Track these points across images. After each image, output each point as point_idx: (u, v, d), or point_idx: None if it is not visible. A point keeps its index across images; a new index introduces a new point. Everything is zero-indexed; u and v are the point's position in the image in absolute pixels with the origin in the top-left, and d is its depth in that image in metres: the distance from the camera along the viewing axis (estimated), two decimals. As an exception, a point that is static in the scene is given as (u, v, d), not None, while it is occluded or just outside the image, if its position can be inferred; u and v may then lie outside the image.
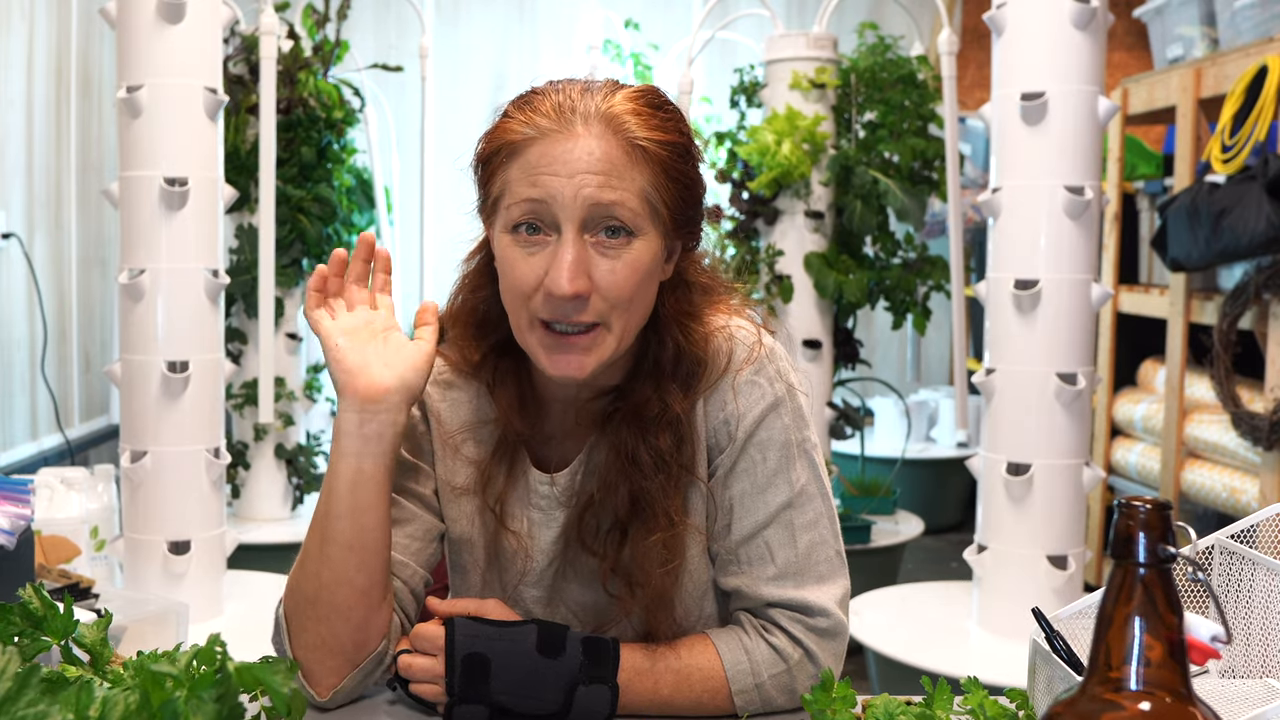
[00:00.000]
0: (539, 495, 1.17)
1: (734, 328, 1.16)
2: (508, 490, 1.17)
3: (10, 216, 3.75)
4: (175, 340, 2.59)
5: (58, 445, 4.02)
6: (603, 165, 1.03)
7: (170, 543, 2.60)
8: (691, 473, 1.13)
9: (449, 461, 1.19)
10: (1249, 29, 3.24)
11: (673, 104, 1.13)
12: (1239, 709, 0.99)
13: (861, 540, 3.53)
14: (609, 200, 1.03)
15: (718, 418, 1.13)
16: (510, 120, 1.08)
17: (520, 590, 1.19)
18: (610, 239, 1.04)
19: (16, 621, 0.93)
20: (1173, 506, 0.66)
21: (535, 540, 1.17)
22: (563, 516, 1.16)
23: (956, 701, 1.00)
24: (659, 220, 1.07)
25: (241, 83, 3.52)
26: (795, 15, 5.71)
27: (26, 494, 1.26)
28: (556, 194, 1.02)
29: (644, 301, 1.09)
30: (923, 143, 3.59)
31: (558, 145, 1.03)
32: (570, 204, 1.02)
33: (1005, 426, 2.60)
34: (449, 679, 1.06)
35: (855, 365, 3.80)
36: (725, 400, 1.13)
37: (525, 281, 1.05)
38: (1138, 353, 3.85)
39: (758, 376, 1.13)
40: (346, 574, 1.08)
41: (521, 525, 1.17)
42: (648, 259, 1.06)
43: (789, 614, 1.13)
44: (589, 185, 1.02)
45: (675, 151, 1.08)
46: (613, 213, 1.03)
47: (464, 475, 1.18)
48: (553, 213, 1.03)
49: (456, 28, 5.70)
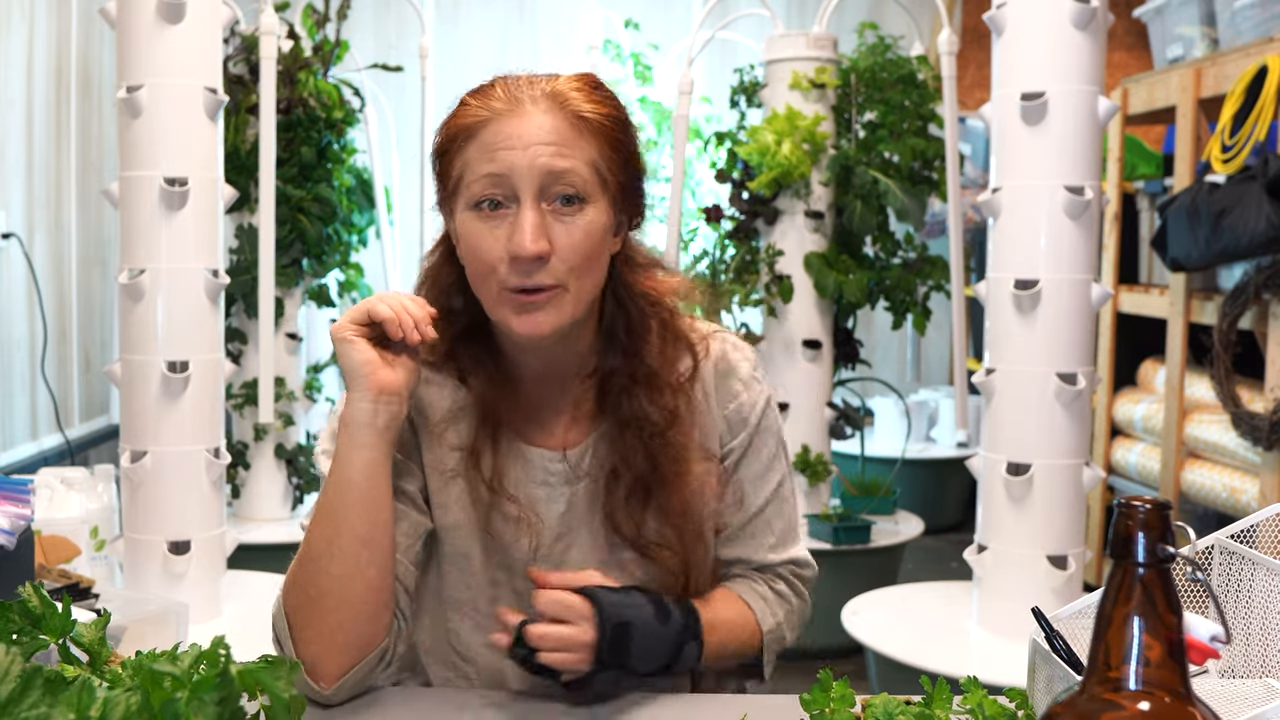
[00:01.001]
0: (547, 472, 1.23)
1: (726, 333, 1.32)
2: (502, 468, 1.22)
3: (10, 216, 3.75)
4: (175, 340, 2.59)
5: (58, 445, 4.02)
6: (554, 136, 1.12)
7: (170, 543, 2.60)
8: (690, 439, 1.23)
9: (436, 450, 1.23)
10: (1249, 29, 3.24)
11: (610, 88, 1.22)
12: (1239, 709, 0.98)
13: (861, 540, 3.53)
14: (562, 168, 1.12)
15: (729, 406, 1.26)
16: (465, 107, 1.17)
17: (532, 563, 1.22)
18: (565, 206, 1.13)
19: (15, 620, 0.93)
20: (1172, 506, 0.66)
21: (539, 516, 1.22)
22: (569, 493, 1.22)
23: (956, 701, 1.00)
24: (607, 190, 1.16)
25: (241, 83, 3.52)
26: (795, 15, 5.71)
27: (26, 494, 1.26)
28: (514, 165, 1.11)
29: (598, 266, 1.17)
30: (923, 143, 3.59)
31: (511, 122, 1.12)
32: (527, 174, 1.11)
33: (1005, 426, 2.60)
34: (600, 647, 1.10)
35: (855, 365, 3.80)
36: (736, 392, 1.27)
37: (492, 252, 1.13)
38: (1138, 353, 3.85)
39: (758, 374, 1.29)
40: (359, 566, 1.11)
41: (523, 502, 1.22)
42: (599, 226, 1.15)
43: (787, 568, 1.31)
44: (543, 155, 1.11)
45: (617, 124, 1.17)
46: (566, 179, 1.12)
47: (453, 460, 1.23)
48: (512, 184, 1.11)
49: (456, 28, 5.69)
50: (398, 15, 5.54)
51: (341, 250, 3.87)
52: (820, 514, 3.59)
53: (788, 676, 1.32)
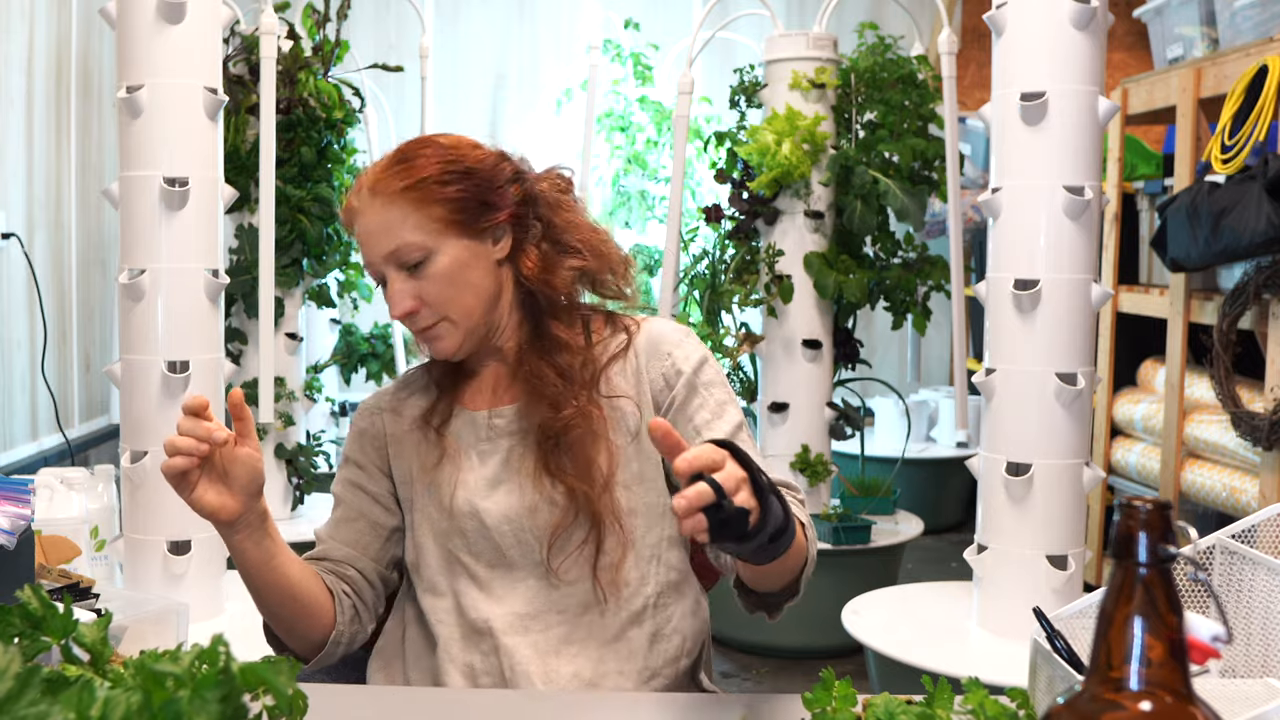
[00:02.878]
0: (488, 428, 1.41)
1: (661, 319, 1.49)
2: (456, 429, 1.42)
3: (10, 216, 3.75)
4: (175, 340, 2.59)
5: (58, 445, 4.02)
6: (380, 227, 1.34)
7: (170, 543, 2.60)
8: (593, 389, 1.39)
9: (410, 452, 1.43)
10: (1249, 29, 3.24)
11: (423, 150, 1.38)
12: (1239, 709, 0.99)
13: (861, 540, 3.53)
14: (394, 248, 1.34)
15: (663, 364, 1.40)
16: (349, 196, 1.40)
17: (474, 502, 1.37)
18: (414, 270, 1.34)
19: (16, 622, 0.93)
20: (1173, 506, 0.66)
21: (481, 461, 1.40)
22: (506, 445, 1.39)
23: (957, 701, 1.00)
24: (449, 230, 1.34)
25: (241, 83, 3.52)
26: (795, 15, 5.71)
27: (26, 494, 1.27)
28: (372, 258, 1.36)
29: (469, 291, 1.36)
30: (923, 143, 3.59)
31: (357, 222, 1.37)
32: (380, 261, 1.35)
33: (1005, 426, 2.60)
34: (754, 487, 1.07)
35: (855, 365, 3.80)
36: (667, 352, 1.41)
37: (392, 311, 1.37)
38: (1138, 353, 3.85)
39: (688, 339, 1.43)
40: (281, 614, 1.34)
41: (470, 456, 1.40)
42: (450, 266, 1.34)
43: (781, 490, 1.26)
44: (381, 244, 1.34)
45: (427, 183, 1.34)
46: (400, 255, 1.34)
47: (416, 431, 1.43)
48: (378, 268, 1.36)
49: (456, 27, 5.70)
50: (398, 15, 5.54)
51: (341, 250, 3.87)
52: (820, 514, 3.58)
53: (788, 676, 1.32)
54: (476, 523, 1.36)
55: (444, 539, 1.39)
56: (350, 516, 1.43)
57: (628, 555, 1.35)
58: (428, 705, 1.13)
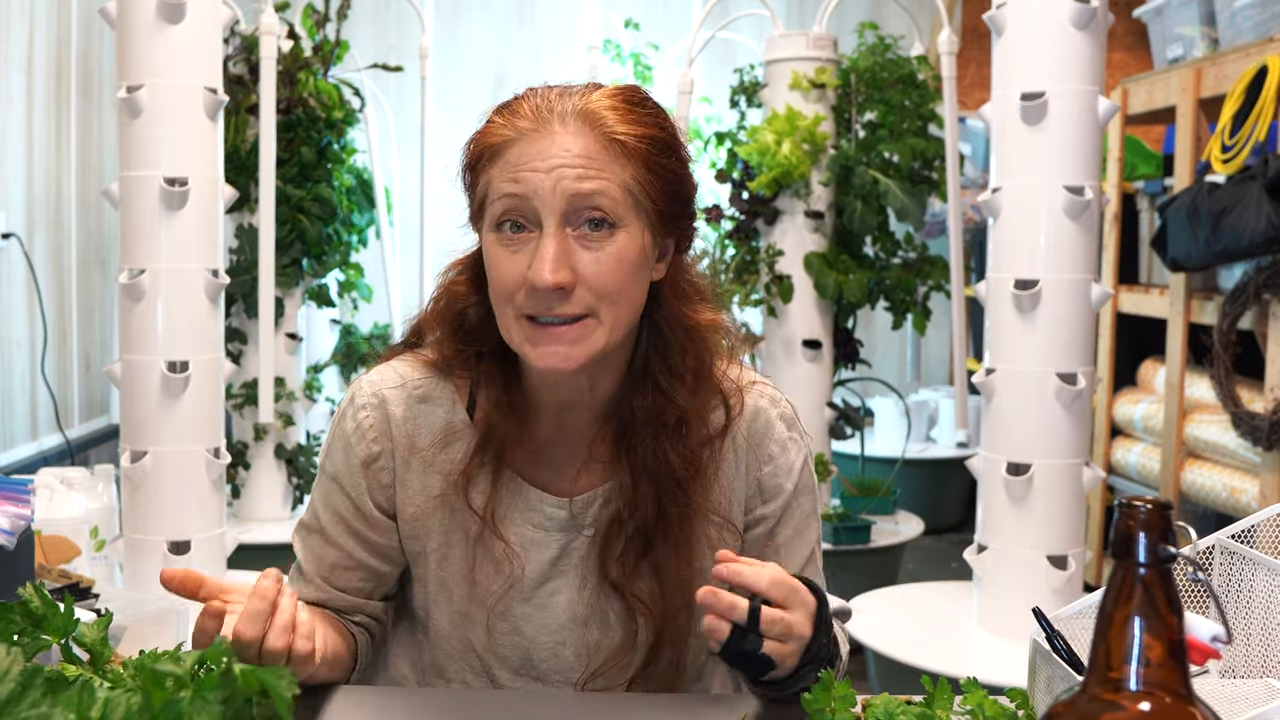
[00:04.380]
0: (544, 517, 1.15)
1: (765, 384, 1.21)
2: (497, 499, 1.14)
3: (10, 216, 3.75)
4: (175, 340, 2.59)
5: (58, 445, 4.02)
6: (580, 159, 1.05)
7: (170, 543, 2.60)
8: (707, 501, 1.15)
9: (420, 480, 1.16)
10: (1249, 29, 3.24)
11: (654, 101, 1.14)
12: (1239, 709, 0.99)
13: (861, 540, 3.53)
14: (588, 190, 1.04)
15: (763, 470, 1.18)
16: (492, 124, 1.10)
17: (510, 605, 1.16)
18: (593, 231, 1.05)
19: (16, 621, 0.93)
20: (1173, 506, 0.66)
21: (528, 556, 1.15)
22: (564, 540, 1.15)
23: (957, 701, 1.00)
24: (643, 213, 1.08)
25: (241, 83, 3.52)
26: (795, 15, 5.71)
27: (26, 494, 1.26)
28: (536, 188, 1.04)
29: (632, 295, 1.09)
30: (923, 143, 3.59)
31: (536, 143, 1.06)
32: (550, 197, 1.04)
33: (1005, 426, 2.60)
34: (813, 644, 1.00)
35: (855, 365, 3.80)
36: (772, 454, 1.18)
37: (510, 278, 1.06)
38: (1138, 353, 3.85)
39: (793, 432, 1.20)
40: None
41: (513, 539, 1.15)
42: (633, 251, 1.07)
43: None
44: (567, 177, 1.04)
45: (656, 146, 1.09)
46: (593, 202, 1.05)
47: (439, 485, 1.16)
48: (533, 207, 1.05)
49: (456, 28, 5.69)
50: (398, 15, 5.54)
51: (341, 250, 3.87)
52: (820, 514, 3.58)
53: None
54: (509, 627, 1.16)
55: (462, 624, 1.18)
56: (347, 565, 1.17)
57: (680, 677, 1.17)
58: (428, 705, 1.13)
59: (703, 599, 0.94)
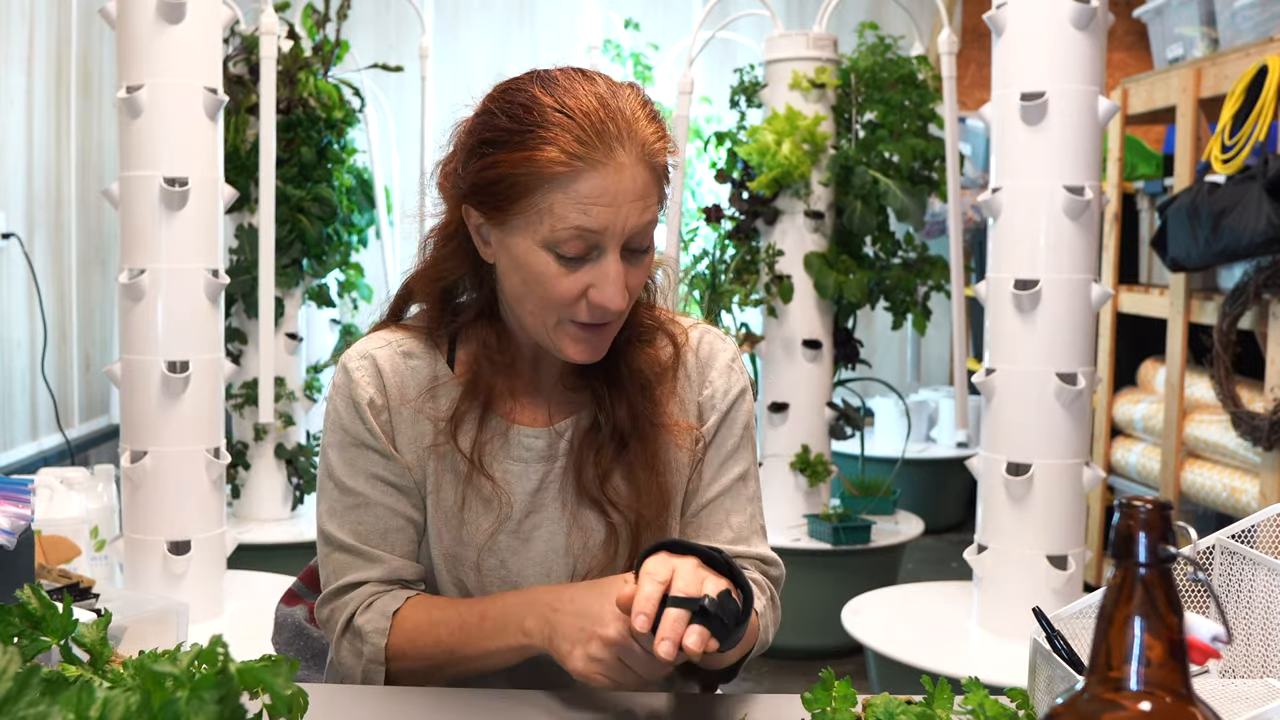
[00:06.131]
0: (524, 449, 1.23)
1: (709, 326, 1.33)
2: (482, 441, 1.22)
3: (10, 216, 3.75)
4: (175, 340, 2.59)
5: (58, 445, 4.02)
6: (641, 193, 1.12)
7: (170, 543, 2.60)
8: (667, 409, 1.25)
9: (411, 429, 1.23)
10: (1249, 29, 3.24)
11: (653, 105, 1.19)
12: (1239, 709, 0.99)
13: (861, 540, 3.53)
14: (646, 221, 1.13)
15: (704, 392, 1.28)
16: (551, 145, 1.09)
17: (498, 539, 1.22)
18: (638, 252, 1.15)
19: (16, 622, 0.93)
20: (1173, 506, 0.66)
21: (511, 489, 1.22)
22: (543, 470, 1.23)
23: (957, 701, 1.00)
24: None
25: (241, 83, 3.52)
26: (795, 15, 5.71)
27: (26, 494, 1.26)
28: (609, 224, 1.10)
29: None
30: (923, 143, 3.59)
31: (608, 177, 1.10)
32: (619, 232, 1.11)
33: (1005, 426, 2.60)
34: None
35: (855, 365, 3.80)
36: (712, 379, 1.28)
37: (569, 294, 1.13)
38: (1138, 353, 3.85)
39: (735, 365, 1.29)
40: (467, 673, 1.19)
41: (497, 475, 1.22)
42: (652, 261, 1.18)
43: (752, 563, 1.26)
44: (634, 214, 1.11)
45: (669, 158, 1.17)
46: (645, 231, 1.14)
47: (429, 433, 1.22)
48: (602, 240, 1.11)
49: (456, 28, 5.70)
50: (398, 15, 5.54)
51: (341, 250, 3.87)
52: (820, 514, 3.58)
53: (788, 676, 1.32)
54: (496, 561, 1.22)
55: (454, 567, 1.24)
56: (397, 526, 1.22)
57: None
58: (429, 705, 1.14)
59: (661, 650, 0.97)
